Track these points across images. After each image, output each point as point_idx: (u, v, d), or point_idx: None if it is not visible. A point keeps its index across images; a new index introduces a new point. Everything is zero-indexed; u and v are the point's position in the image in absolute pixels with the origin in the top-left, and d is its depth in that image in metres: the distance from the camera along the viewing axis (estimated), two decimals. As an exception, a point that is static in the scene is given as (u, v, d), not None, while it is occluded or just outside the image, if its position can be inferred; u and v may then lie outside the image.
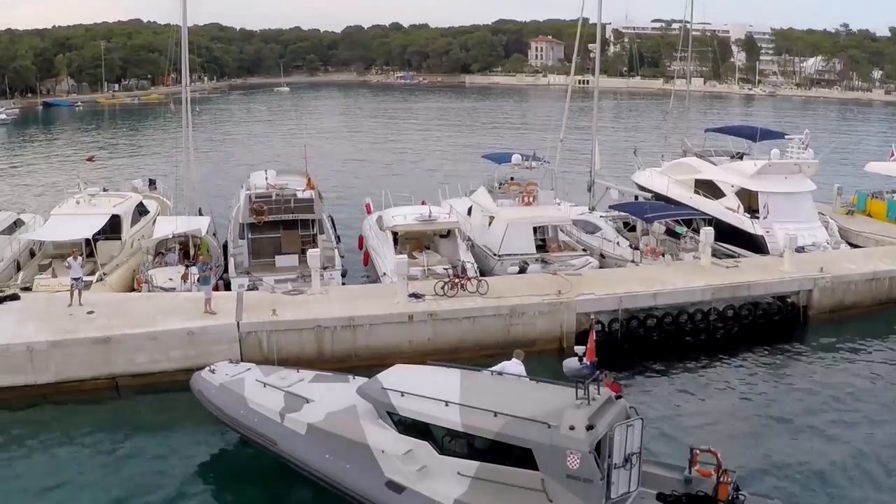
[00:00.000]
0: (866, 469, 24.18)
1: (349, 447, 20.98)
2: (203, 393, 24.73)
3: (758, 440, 25.85)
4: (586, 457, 17.72)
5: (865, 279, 37.42)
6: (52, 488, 23.09)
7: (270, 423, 22.61)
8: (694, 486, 19.34)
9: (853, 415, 27.75)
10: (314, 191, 41.88)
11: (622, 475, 18.54)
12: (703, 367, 32.03)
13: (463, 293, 33.03)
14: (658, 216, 41.07)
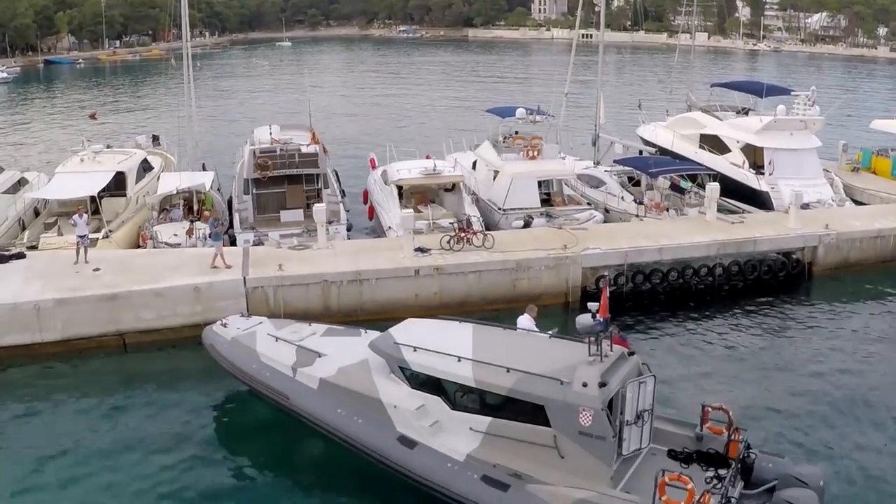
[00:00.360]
0: (875, 424, 24.30)
1: (361, 402, 20.96)
2: (215, 347, 24.74)
3: (764, 395, 25.94)
4: (599, 414, 17.68)
5: (870, 237, 37.40)
6: (62, 444, 23.19)
7: (282, 378, 22.58)
8: (705, 443, 19.35)
9: (860, 371, 27.85)
10: (319, 145, 41.72)
11: (634, 432, 18.61)
12: (708, 323, 32.09)
13: (469, 247, 33.06)
14: (663, 171, 40.96)
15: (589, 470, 18.01)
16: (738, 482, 18.55)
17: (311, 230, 35.74)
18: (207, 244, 33.34)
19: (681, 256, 34.29)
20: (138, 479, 21.59)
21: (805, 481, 17.80)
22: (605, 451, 17.91)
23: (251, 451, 23.27)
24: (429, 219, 37.22)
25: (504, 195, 39.16)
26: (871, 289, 35.36)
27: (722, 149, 46.81)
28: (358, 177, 48.95)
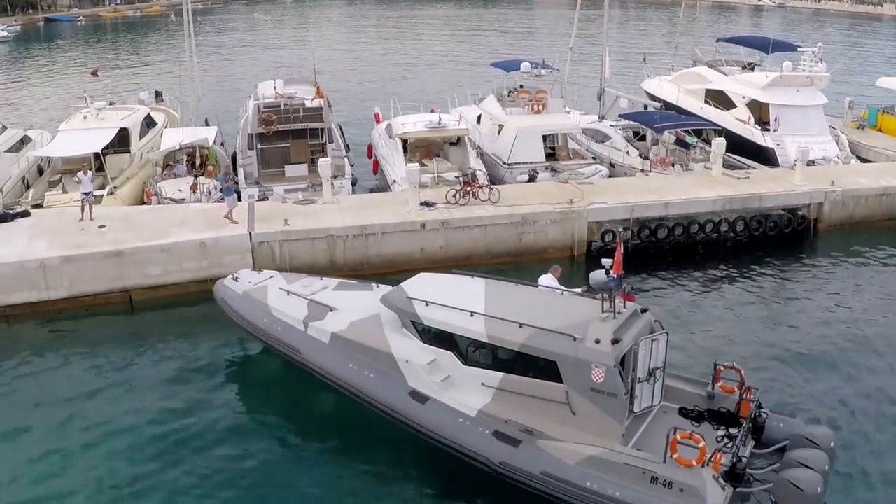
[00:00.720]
0: (882, 381, 24.37)
1: (373, 356, 20.97)
2: (226, 301, 24.71)
3: (770, 351, 26.01)
4: (611, 370, 17.68)
5: (876, 194, 37.29)
6: (71, 400, 23.36)
7: (294, 332, 22.58)
8: (716, 402, 19.39)
9: (866, 327, 27.90)
10: (323, 99, 41.44)
11: (645, 389, 18.58)
12: (714, 279, 32.21)
13: (474, 201, 33.05)
14: (668, 126, 40.77)
15: (600, 427, 18.05)
16: (748, 441, 18.59)
17: (316, 185, 35.75)
18: (214, 198, 33.27)
19: (686, 212, 34.29)
20: (148, 433, 21.75)
21: (816, 442, 17.82)
22: (616, 408, 17.92)
23: (261, 406, 23.40)
24: (433, 172, 37.08)
25: (509, 149, 39.00)
26: (877, 246, 35.31)
27: (727, 104, 46.54)
28: (362, 131, 48.77)
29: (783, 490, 16.50)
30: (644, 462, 17.33)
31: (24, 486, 19.71)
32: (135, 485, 19.77)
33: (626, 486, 17.21)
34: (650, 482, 17.04)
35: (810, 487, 16.27)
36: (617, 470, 17.42)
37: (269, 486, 19.69)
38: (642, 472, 17.17)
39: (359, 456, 20.77)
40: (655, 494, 16.92)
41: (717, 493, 16.74)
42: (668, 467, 17.04)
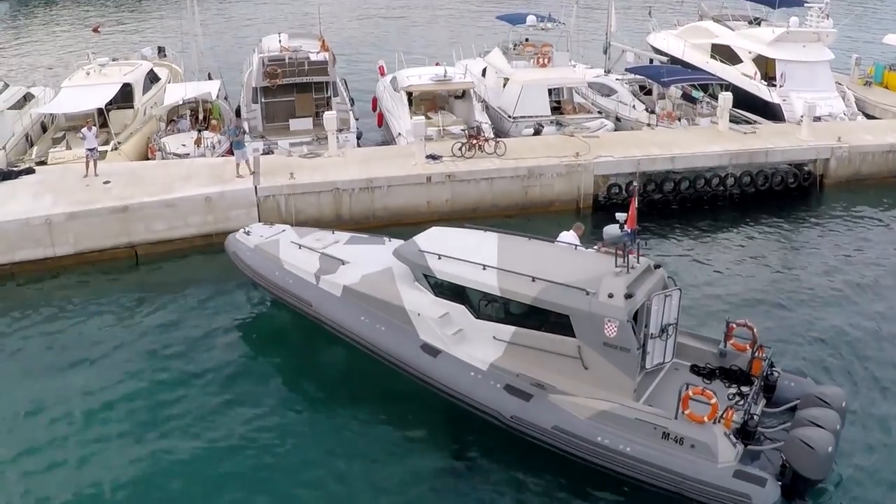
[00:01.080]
0: (888, 338, 24.29)
1: (384, 309, 20.97)
2: (238, 255, 24.68)
3: (776, 308, 25.96)
4: (624, 325, 17.62)
5: (882, 151, 37.03)
6: (80, 356, 23.41)
7: (305, 285, 22.56)
8: (728, 359, 19.35)
9: (874, 283, 27.89)
10: (328, 53, 41.10)
11: (658, 345, 18.57)
12: (720, 234, 32.22)
13: (480, 154, 32.93)
14: (675, 80, 40.57)
15: (612, 382, 18.07)
16: (760, 400, 18.61)
17: (321, 138, 35.63)
18: (218, 153, 33.11)
19: (693, 166, 34.15)
20: (156, 387, 21.86)
21: (827, 401, 17.82)
22: (628, 363, 17.92)
23: (267, 358, 23.50)
24: (439, 126, 36.91)
25: (514, 103, 38.83)
26: (883, 203, 35.19)
27: (733, 59, 46.14)
28: (367, 85, 48.42)
29: (794, 448, 16.52)
30: (656, 417, 17.37)
31: (32, 439, 19.81)
32: (140, 435, 19.90)
33: (638, 441, 17.23)
34: (661, 438, 17.09)
35: (821, 446, 16.26)
36: (628, 425, 17.45)
37: (278, 438, 19.76)
38: (654, 428, 17.21)
39: (369, 409, 20.79)
40: (667, 450, 16.97)
41: (728, 449, 16.78)
42: (680, 423, 17.09)
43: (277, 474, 18.58)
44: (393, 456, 19.18)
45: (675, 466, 16.77)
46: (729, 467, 16.60)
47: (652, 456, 16.99)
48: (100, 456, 19.28)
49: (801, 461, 16.42)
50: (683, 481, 16.69)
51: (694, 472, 16.62)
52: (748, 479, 16.37)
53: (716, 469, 16.57)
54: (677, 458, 16.84)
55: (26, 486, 18.26)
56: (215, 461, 19.01)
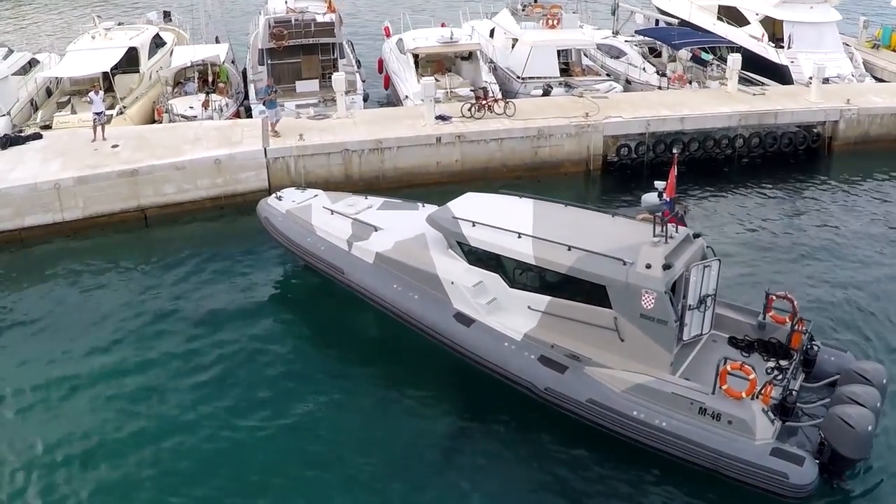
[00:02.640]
0: None
1: (417, 277, 20.75)
2: (269, 220, 24.49)
3: (790, 271, 25.77)
4: (661, 297, 17.23)
5: (891, 113, 36.73)
6: (91, 319, 23.46)
7: (338, 252, 22.39)
8: (767, 332, 19.07)
9: (886, 245, 27.91)
10: (335, 14, 40.84)
11: (696, 317, 18.28)
12: (730, 195, 32.21)
13: (490, 115, 32.84)
14: (686, 43, 40.47)
15: (649, 354, 17.77)
16: (799, 374, 18.24)
17: (327, 100, 35.56)
18: (226, 115, 32.98)
19: (702, 127, 34.08)
20: (170, 348, 21.93)
21: (868, 378, 17.39)
22: (666, 335, 17.59)
23: (274, 318, 23.52)
24: (446, 87, 36.75)
25: (523, 64, 38.61)
26: (892, 165, 35.00)
27: (740, 21, 45.88)
28: (373, 47, 48.17)
29: (833, 426, 16.11)
30: (693, 392, 17.09)
31: (44, 403, 19.91)
32: (152, 397, 19.98)
33: (674, 416, 17.00)
34: (698, 413, 16.83)
35: (861, 424, 15.86)
36: (665, 399, 17.22)
37: (300, 404, 19.72)
38: (690, 403, 16.94)
39: (399, 377, 20.72)
40: (703, 426, 16.72)
41: (766, 426, 16.51)
42: (717, 399, 16.81)
43: (299, 438, 18.56)
44: (421, 427, 19.04)
45: (712, 443, 16.51)
46: (767, 445, 16.29)
47: (688, 431, 16.75)
48: (111, 416, 19.34)
49: (840, 440, 15.99)
50: (719, 458, 16.43)
51: (730, 449, 16.35)
52: (786, 457, 16.06)
53: (753, 446, 16.27)
54: (714, 434, 16.57)
55: (35, 448, 18.33)
56: (231, 424, 19.02)
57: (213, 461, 17.89)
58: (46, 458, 18.04)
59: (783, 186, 32.93)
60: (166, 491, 17.01)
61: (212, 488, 17.10)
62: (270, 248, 26.48)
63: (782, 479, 15.82)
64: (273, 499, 16.85)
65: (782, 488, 15.93)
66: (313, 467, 17.68)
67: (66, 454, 18.13)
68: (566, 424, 18.29)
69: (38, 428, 19.00)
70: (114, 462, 17.83)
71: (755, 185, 32.99)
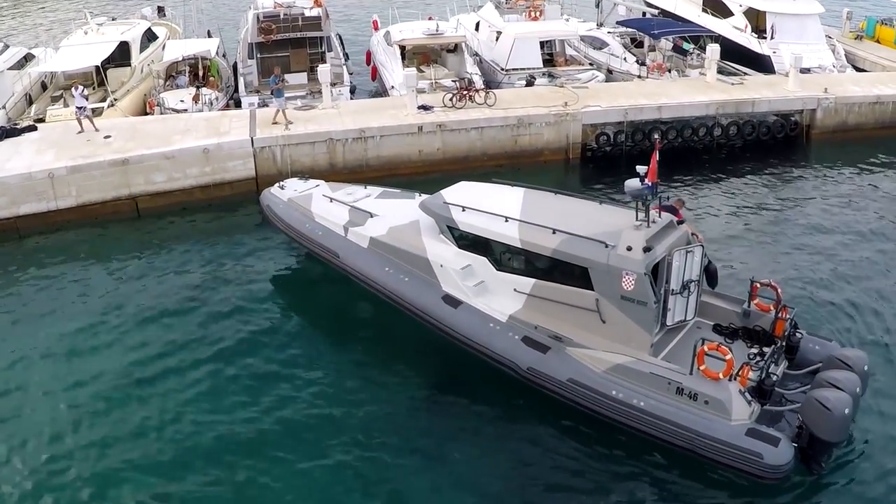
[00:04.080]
0: (881, 285, 24.36)
1: (409, 261, 21.26)
2: (271, 208, 25.15)
3: (767, 259, 26.11)
4: (641, 278, 17.45)
5: (869, 102, 37.26)
6: (87, 303, 24.14)
7: (334, 237, 22.99)
8: (752, 319, 19.18)
9: (860, 232, 28.19)
10: (321, 8, 41.63)
11: (679, 302, 18.54)
12: (709, 183, 32.65)
13: (471, 105, 33.53)
14: (665, 32, 41.11)
15: (629, 336, 18.05)
16: (781, 361, 18.44)
17: (315, 93, 36.26)
18: (216, 108, 33.63)
19: (680, 115, 34.68)
20: (167, 336, 22.42)
21: (849, 364, 17.38)
22: (646, 317, 17.84)
23: (263, 300, 24.08)
24: (431, 79, 37.51)
25: (507, 55, 39.33)
26: (869, 153, 35.47)
27: (724, 12, 46.45)
28: (362, 40, 48.89)
29: (810, 409, 16.16)
30: (670, 373, 17.33)
31: (37, 389, 20.31)
32: (148, 380, 20.48)
33: (652, 396, 17.23)
34: (676, 393, 17.03)
35: (838, 408, 15.85)
36: (643, 379, 17.45)
37: (285, 384, 20.24)
38: (668, 383, 17.15)
39: (389, 358, 21.26)
40: (680, 406, 16.93)
41: (742, 407, 16.65)
42: (695, 379, 17.00)
43: (283, 418, 19.11)
44: (408, 405, 19.59)
45: (688, 422, 16.72)
46: (742, 425, 16.42)
47: (665, 411, 16.96)
48: (105, 402, 19.76)
49: (817, 422, 16.05)
50: (696, 438, 16.62)
51: (706, 429, 16.53)
52: (761, 437, 16.19)
53: (729, 426, 16.44)
54: (690, 414, 16.77)
55: (27, 439, 18.59)
56: (224, 409, 19.45)
57: (198, 448, 18.27)
58: (48, 444, 18.48)
59: (762, 174, 33.43)
60: (159, 475, 17.50)
61: (201, 473, 17.52)
62: (258, 234, 27.43)
63: (757, 460, 16.00)
64: (257, 476, 17.39)
65: (757, 469, 16.12)
66: (296, 442, 18.32)
67: (63, 440, 18.56)
68: (548, 404, 18.66)
69: (34, 413, 19.45)
70: (108, 451, 18.22)
71: (734, 173, 33.49)
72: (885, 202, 30.84)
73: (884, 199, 31.11)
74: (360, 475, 17.41)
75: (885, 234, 28.05)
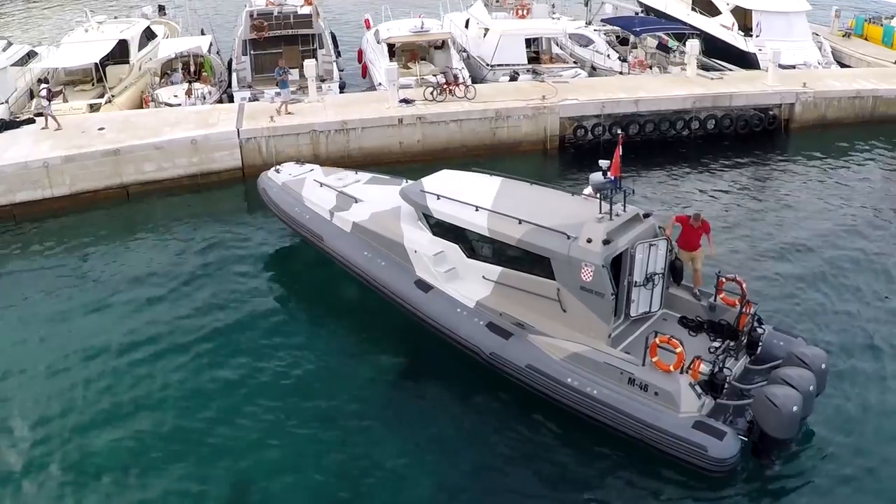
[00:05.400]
0: (853, 286, 24.50)
1: (387, 246, 21.88)
2: (266, 192, 25.91)
3: (745, 254, 26.42)
4: (599, 270, 17.78)
5: (848, 96, 37.89)
6: (80, 289, 25.01)
7: (320, 221, 23.66)
8: (717, 313, 19.31)
9: (837, 227, 28.41)
10: (312, 6, 42.78)
11: (643, 294, 18.89)
12: (687, 176, 33.19)
13: (451, 98, 34.46)
14: (646, 29, 42.08)
15: (588, 325, 18.38)
16: (741, 356, 18.64)
17: (305, 87, 37.09)
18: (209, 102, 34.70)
19: (657, 109, 35.45)
20: (156, 314, 23.36)
21: (806, 362, 17.45)
22: (603, 308, 18.11)
23: (247, 284, 24.96)
24: (417, 74, 38.45)
25: (492, 52, 40.29)
26: (847, 147, 35.96)
27: (713, 11, 47.20)
28: (356, 40, 49.72)
29: (760, 405, 16.38)
30: (624, 363, 17.64)
31: (34, 372, 20.97)
32: (141, 362, 21.17)
33: (604, 385, 17.55)
34: (627, 383, 17.34)
35: (786, 405, 16.05)
36: (597, 369, 17.78)
37: (269, 365, 20.99)
38: (621, 373, 17.46)
39: (361, 339, 22.10)
40: (631, 396, 17.24)
41: (691, 400, 16.86)
42: (647, 370, 17.28)
43: (261, 395, 19.88)
44: (375, 385, 20.29)
45: (637, 412, 16.98)
46: (690, 418, 16.66)
47: (616, 400, 17.26)
48: (101, 382, 20.49)
49: (766, 419, 16.29)
50: (644, 428, 16.88)
51: (654, 420, 16.79)
52: (707, 430, 16.39)
53: (676, 418, 16.69)
54: (640, 404, 17.05)
55: (25, 418, 19.31)
56: (208, 396, 20.05)
57: (185, 415, 19.16)
58: (45, 424, 19.09)
59: (740, 168, 33.95)
60: (147, 450, 18.20)
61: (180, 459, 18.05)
62: (246, 221, 28.71)
63: (702, 452, 16.21)
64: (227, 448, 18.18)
65: (702, 461, 16.32)
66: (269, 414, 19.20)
67: (56, 422, 19.17)
68: (509, 390, 19.18)
69: (29, 397, 20.04)
70: (100, 431, 18.82)
71: (711, 166, 34.04)
72: (862, 196, 31.25)
73: (861, 193, 31.53)
74: (319, 440, 18.32)
75: (861, 229, 28.34)
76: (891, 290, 24.22)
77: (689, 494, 16.82)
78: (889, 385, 19.91)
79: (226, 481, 17.25)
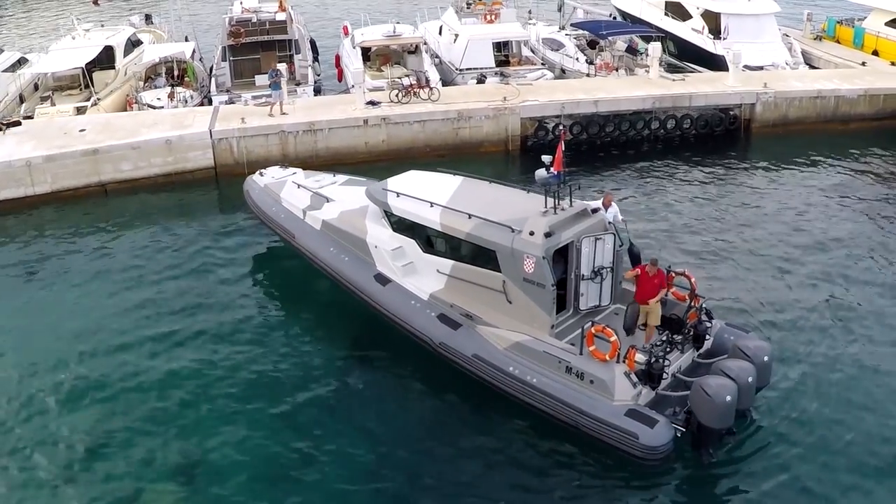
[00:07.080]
0: (813, 277, 25.26)
1: (352, 242, 22.86)
2: (249, 194, 27.10)
3: (702, 251, 27.11)
4: (540, 262, 18.40)
5: (810, 97, 38.42)
6: (61, 281, 26.36)
7: (294, 220, 24.76)
8: (668, 308, 19.60)
9: (794, 224, 29.13)
10: (286, 13, 44.20)
11: (591, 288, 19.54)
12: (647, 175, 33.97)
13: (416, 100, 35.64)
14: (613, 33, 43.26)
15: (531, 316, 19.09)
16: (687, 348, 18.94)
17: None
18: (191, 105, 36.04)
19: (616, 109, 36.40)
20: (131, 306, 24.50)
21: (748, 354, 17.87)
22: (545, 299, 18.75)
23: (221, 277, 26.30)
24: (388, 77, 39.59)
25: (461, 56, 41.60)
26: (809, 146, 36.54)
27: (684, 15, 48.29)
28: (336, 45, 51.03)
29: (696, 395, 16.76)
30: (561, 352, 18.24)
31: (14, 365, 21.91)
32: (118, 354, 22.21)
33: (543, 373, 18.19)
34: (565, 371, 17.92)
35: (720, 394, 16.39)
36: (537, 357, 18.43)
37: (234, 354, 22.15)
38: (559, 362, 18.05)
39: (319, 328, 23.37)
40: (568, 384, 17.81)
41: (625, 388, 17.31)
42: (584, 359, 17.80)
43: (219, 377, 21.14)
44: (327, 366, 21.56)
45: (573, 400, 17.54)
46: (623, 406, 17.11)
47: (554, 389, 17.84)
48: (83, 369, 21.60)
49: (700, 408, 16.64)
50: (579, 416, 17.42)
51: (589, 407, 17.31)
52: (639, 418, 16.82)
53: (610, 406, 17.16)
54: (576, 392, 17.60)
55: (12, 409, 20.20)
56: (177, 380, 21.16)
57: (160, 411, 20.03)
58: (27, 406, 20.20)
59: (699, 167, 34.69)
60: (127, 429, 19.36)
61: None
62: (216, 218, 30.18)
63: (633, 440, 16.67)
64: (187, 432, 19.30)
65: (633, 448, 16.80)
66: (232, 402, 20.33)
67: (41, 405, 20.26)
68: (456, 378, 20.03)
69: (18, 382, 21.14)
70: (70, 413, 19.93)
71: (671, 165, 34.84)
72: (820, 195, 31.88)
73: (819, 192, 32.12)
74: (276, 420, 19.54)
75: (818, 225, 28.99)
76: (849, 283, 25.01)
77: (624, 484, 17.48)
78: (835, 378, 20.50)
79: (185, 458, 18.41)
